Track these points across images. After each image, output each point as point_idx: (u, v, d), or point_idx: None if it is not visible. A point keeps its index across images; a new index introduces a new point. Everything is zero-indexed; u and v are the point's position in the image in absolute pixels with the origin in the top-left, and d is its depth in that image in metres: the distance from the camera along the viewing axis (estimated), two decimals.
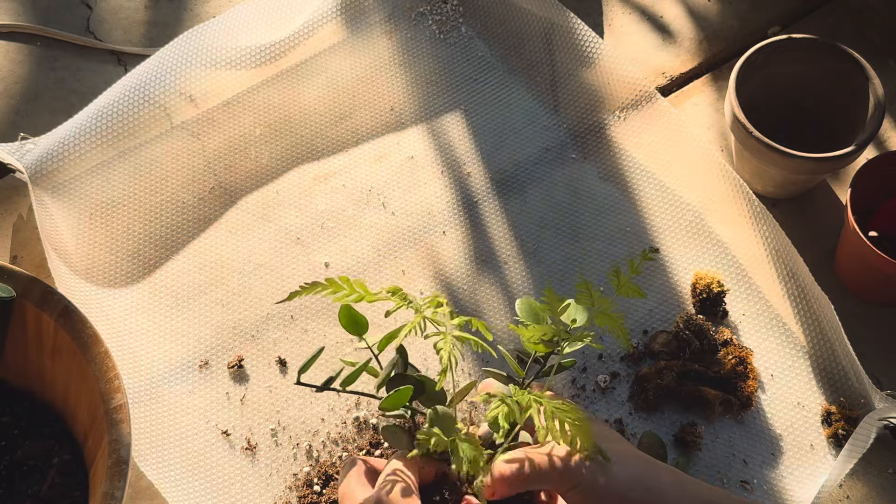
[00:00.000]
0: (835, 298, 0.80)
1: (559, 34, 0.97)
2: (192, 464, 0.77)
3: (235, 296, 0.85)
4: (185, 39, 0.94)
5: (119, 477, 0.62)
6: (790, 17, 1.03)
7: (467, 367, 0.82)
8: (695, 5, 1.04)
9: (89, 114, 0.90)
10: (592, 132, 0.94)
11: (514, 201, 0.91)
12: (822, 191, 0.92)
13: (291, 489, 0.76)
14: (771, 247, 0.86)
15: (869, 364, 0.80)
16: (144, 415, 0.78)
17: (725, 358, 0.81)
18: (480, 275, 0.86)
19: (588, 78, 0.96)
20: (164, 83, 0.92)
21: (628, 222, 0.89)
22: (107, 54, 0.99)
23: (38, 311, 0.69)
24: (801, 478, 0.77)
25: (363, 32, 1.00)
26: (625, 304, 0.85)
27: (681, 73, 0.99)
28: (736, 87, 0.85)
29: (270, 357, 0.82)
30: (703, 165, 0.90)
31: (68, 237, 0.87)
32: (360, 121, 0.95)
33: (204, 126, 0.94)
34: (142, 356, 0.82)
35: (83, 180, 0.90)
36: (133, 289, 0.85)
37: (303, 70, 0.97)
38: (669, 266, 0.87)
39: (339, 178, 0.92)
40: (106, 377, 0.66)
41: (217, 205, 0.90)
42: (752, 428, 0.80)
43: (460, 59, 0.99)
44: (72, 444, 0.72)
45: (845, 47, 0.87)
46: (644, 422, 0.79)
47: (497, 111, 0.96)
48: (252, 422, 0.79)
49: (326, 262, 0.87)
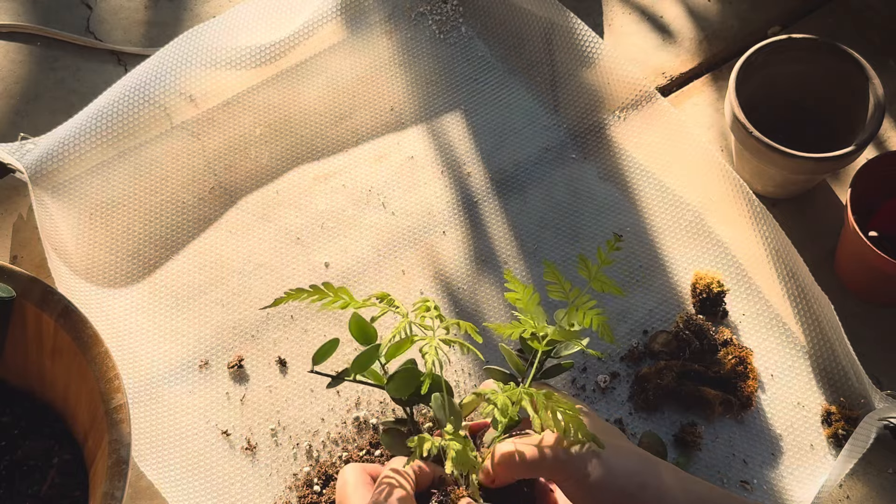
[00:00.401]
0: (835, 298, 0.80)
1: (559, 34, 0.97)
2: (192, 464, 0.77)
3: (235, 296, 0.85)
4: (185, 39, 0.94)
5: (119, 477, 0.62)
6: (790, 17, 1.03)
7: (467, 366, 0.82)
8: (695, 5, 1.04)
9: (89, 114, 0.90)
10: (592, 132, 0.94)
11: (514, 201, 0.91)
12: (822, 191, 0.92)
13: (291, 489, 0.76)
14: (771, 247, 0.86)
15: (869, 364, 0.80)
16: (144, 415, 0.78)
17: (725, 358, 0.81)
18: (480, 275, 0.86)
19: (588, 78, 0.96)
20: (164, 83, 0.92)
21: (628, 222, 0.89)
22: (107, 54, 0.99)
23: (39, 311, 0.69)
24: (801, 478, 0.77)
25: (363, 32, 1.00)
26: (625, 303, 0.85)
27: (681, 73, 0.99)
28: (736, 87, 0.85)
29: (270, 357, 0.82)
30: (703, 165, 0.90)
31: (68, 237, 0.87)
32: (360, 121, 0.95)
33: (204, 126, 0.94)
34: (142, 356, 0.82)
35: (83, 180, 0.90)
36: (133, 289, 0.85)
37: (303, 70, 0.97)
38: (669, 266, 0.87)
39: (339, 178, 0.92)
40: (106, 377, 0.66)
41: (217, 205, 0.90)
42: (752, 428, 0.80)
43: (460, 59, 0.99)
44: (72, 444, 0.72)
45: (845, 47, 0.87)
46: (644, 422, 0.79)
47: (497, 111, 0.96)
48: (252, 422, 0.79)
49: (326, 262, 0.87)
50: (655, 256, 0.88)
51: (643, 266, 0.87)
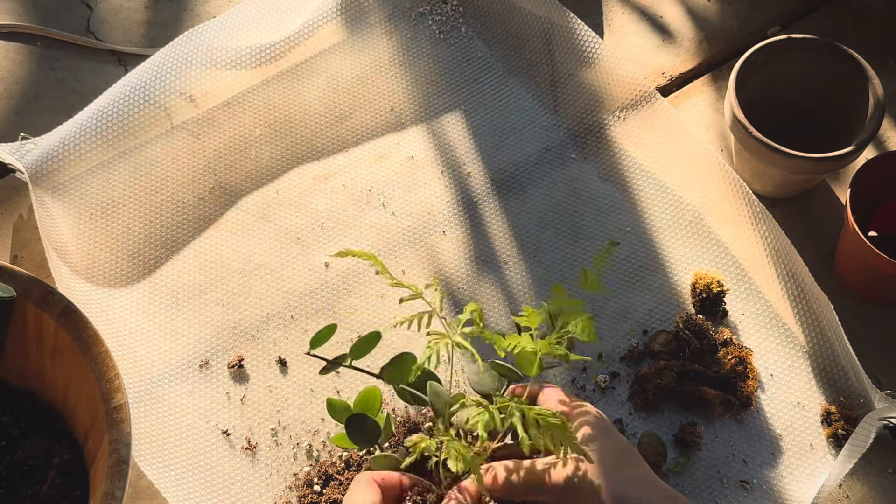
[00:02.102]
0: (835, 298, 0.80)
1: (559, 34, 0.97)
2: (193, 463, 0.77)
3: (235, 296, 0.85)
4: (185, 39, 0.94)
5: (119, 477, 0.62)
6: (790, 17, 1.03)
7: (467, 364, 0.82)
8: (695, 5, 1.04)
9: (89, 114, 0.90)
10: (592, 132, 0.94)
11: (514, 201, 0.91)
12: (822, 191, 0.92)
13: (291, 489, 0.76)
14: (771, 247, 0.86)
15: (869, 364, 0.80)
16: (145, 415, 0.78)
17: (725, 358, 0.81)
18: (480, 275, 0.86)
19: (588, 78, 0.96)
20: (165, 83, 0.92)
21: (628, 222, 0.89)
22: (107, 54, 0.99)
23: (39, 311, 0.69)
24: (800, 478, 0.77)
25: (363, 32, 1.00)
26: (625, 303, 0.85)
27: (681, 73, 0.99)
28: (736, 88, 0.85)
29: (270, 357, 0.82)
30: (703, 165, 0.90)
31: (68, 237, 0.87)
32: (360, 121, 0.95)
33: (204, 126, 0.94)
34: (142, 356, 0.82)
35: (83, 180, 0.90)
36: (133, 289, 0.85)
37: (303, 70, 0.97)
38: (669, 266, 0.87)
39: (339, 178, 0.92)
40: (106, 377, 0.66)
41: (217, 205, 0.90)
42: (752, 428, 0.80)
43: (460, 59, 0.99)
44: (72, 443, 0.72)
45: (845, 47, 0.87)
46: (644, 422, 0.80)
47: (497, 111, 0.96)
48: (252, 422, 0.79)
49: (326, 262, 0.87)
50: (655, 256, 0.88)
51: (643, 266, 0.87)
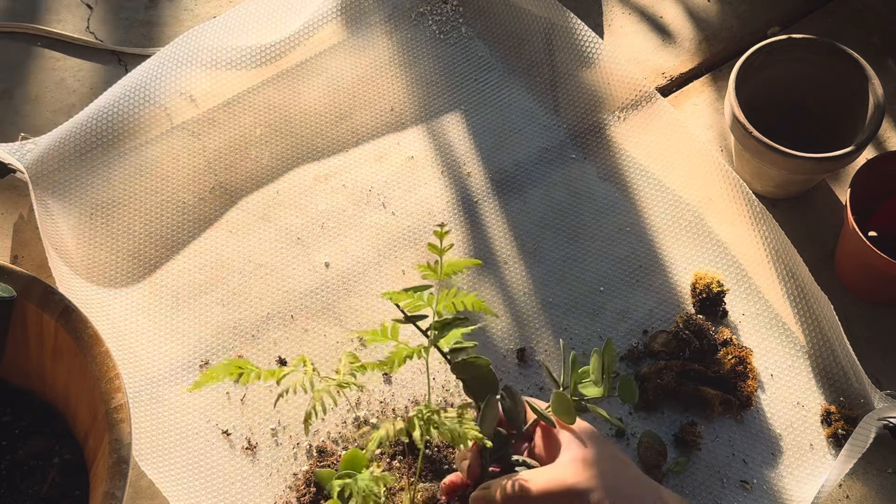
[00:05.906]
0: (835, 298, 0.81)
1: (559, 34, 0.97)
2: (193, 463, 0.77)
3: (235, 296, 0.85)
4: (185, 39, 0.94)
5: (120, 476, 0.62)
6: (790, 17, 1.03)
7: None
8: (695, 5, 1.04)
9: (89, 114, 0.90)
10: (592, 132, 0.95)
11: (514, 201, 0.91)
12: (822, 191, 0.92)
13: (291, 489, 0.76)
14: (771, 247, 0.86)
15: (869, 364, 0.80)
16: (145, 414, 0.78)
17: (725, 358, 0.81)
18: (480, 275, 0.86)
19: (588, 78, 0.96)
20: (165, 83, 0.92)
21: (628, 222, 0.90)
22: (107, 54, 0.99)
23: (39, 311, 0.69)
24: (800, 477, 0.77)
25: (363, 33, 1.00)
26: (625, 303, 0.85)
27: (680, 74, 0.99)
28: (735, 88, 0.85)
29: (270, 357, 0.82)
30: (703, 165, 0.90)
31: (69, 237, 0.87)
32: (360, 121, 0.95)
33: (204, 126, 0.94)
34: (142, 356, 0.82)
35: (83, 180, 0.90)
36: (133, 289, 0.85)
37: (303, 70, 0.97)
38: (669, 266, 0.87)
39: (339, 178, 0.92)
40: (106, 377, 0.66)
41: (217, 205, 0.90)
42: (752, 428, 0.80)
43: (460, 59, 0.99)
44: (72, 443, 0.72)
45: (845, 47, 0.87)
46: (644, 421, 0.80)
47: (497, 111, 0.96)
48: (252, 421, 0.79)
49: (326, 262, 0.87)
50: (655, 256, 0.88)
51: (643, 266, 0.87)
